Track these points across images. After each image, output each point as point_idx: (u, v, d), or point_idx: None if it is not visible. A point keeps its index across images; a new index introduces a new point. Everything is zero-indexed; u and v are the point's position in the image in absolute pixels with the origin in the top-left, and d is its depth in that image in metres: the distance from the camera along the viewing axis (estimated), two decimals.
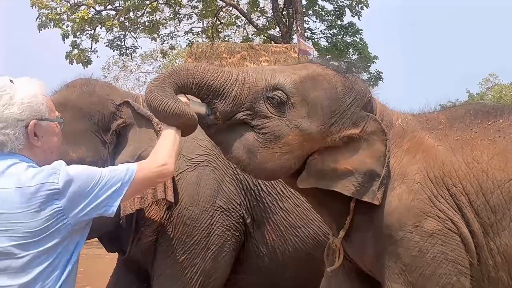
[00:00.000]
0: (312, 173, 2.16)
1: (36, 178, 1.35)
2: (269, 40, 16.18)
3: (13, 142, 1.40)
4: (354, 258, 2.34)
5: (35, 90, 1.46)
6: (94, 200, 1.41)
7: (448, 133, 2.26)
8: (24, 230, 1.32)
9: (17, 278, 1.32)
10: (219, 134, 2.14)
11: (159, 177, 1.62)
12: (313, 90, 2.14)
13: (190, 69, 2.06)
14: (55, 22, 12.79)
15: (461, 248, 2.10)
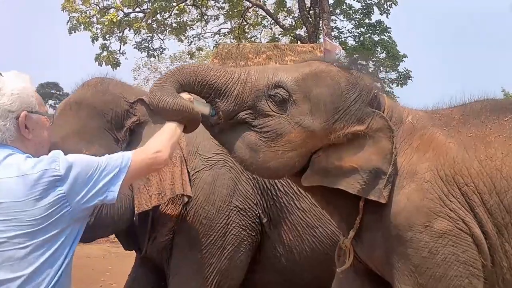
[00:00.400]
0: (316, 170, 2.13)
1: (38, 166, 1.36)
2: (296, 40, 16.11)
3: (4, 133, 1.41)
4: (364, 258, 2.30)
5: (25, 82, 1.47)
6: (95, 186, 1.42)
7: (462, 129, 2.18)
8: (29, 219, 1.32)
9: (20, 270, 1.32)
10: (222, 134, 2.13)
11: (154, 164, 1.63)
12: (316, 86, 2.11)
13: (193, 68, 2.07)
14: (85, 25, 13.09)
15: (473, 249, 2.03)
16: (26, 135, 1.45)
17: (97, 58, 13.65)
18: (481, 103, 2.31)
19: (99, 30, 13.24)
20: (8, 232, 1.31)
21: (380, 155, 2.10)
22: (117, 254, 9.24)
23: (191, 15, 16.09)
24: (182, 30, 15.04)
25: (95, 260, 8.43)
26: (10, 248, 1.31)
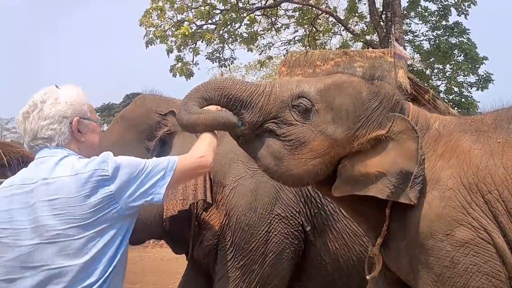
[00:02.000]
0: (344, 180, 2.13)
1: (89, 165, 1.51)
2: (367, 45, 15.81)
3: (59, 136, 1.58)
4: (392, 267, 2.27)
5: (77, 93, 1.66)
6: (141, 186, 1.54)
7: (492, 135, 2.11)
8: (80, 213, 1.46)
9: (77, 258, 1.45)
10: (248, 144, 2.20)
11: (199, 168, 1.75)
12: (338, 96, 2.15)
13: (219, 83, 2.16)
14: (161, 38, 13.76)
15: (495, 260, 1.94)
16: (79, 138, 1.62)
17: (171, 69, 14.29)
18: None
19: (173, 42, 13.85)
20: (63, 225, 1.45)
21: (406, 157, 2.08)
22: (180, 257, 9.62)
23: (261, 25, 16.35)
24: (253, 40, 15.32)
25: (167, 263, 8.82)
26: (65, 239, 1.45)
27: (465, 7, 15.83)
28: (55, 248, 1.44)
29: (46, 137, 1.58)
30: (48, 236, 1.45)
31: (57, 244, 1.45)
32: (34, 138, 1.59)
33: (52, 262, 1.44)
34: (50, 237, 1.45)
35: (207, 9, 14.35)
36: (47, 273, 1.43)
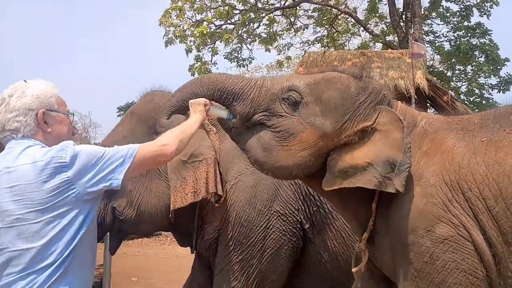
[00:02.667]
0: (334, 173, 2.16)
1: (48, 153, 1.59)
2: (386, 46, 15.69)
3: (25, 128, 1.67)
4: (377, 262, 2.30)
5: (45, 87, 1.75)
6: (99, 173, 1.61)
7: (477, 134, 2.12)
8: (38, 198, 1.54)
9: (35, 241, 1.54)
10: (238, 136, 2.25)
11: (159, 156, 1.76)
12: (327, 90, 2.19)
13: (213, 77, 2.24)
14: (180, 38, 13.91)
15: (474, 257, 1.96)
16: (45, 129, 1.71)
17: (190, 69, 14.42)
18: (508, 108, 2.22)
19: (192, 42, 13.99)
20: (22, 210, 1.54)
21: (391, 146, 2.10)
22: None
23: (280, 25, 16.38)
24: (271, 40, 15.36)
25: (182, 260, 8.93)
26: (24, 223, 1.54)
27: (487, 7, 15.59)
28: (15, 231, 1.53)
29: (12, 128, 1.67)
30: (8, 220, 1.54)
31: (16, 228, 1.53)
32: (2, 130, 1.68)
33: (12, 245, 1.52)
34: (10, 221, 1.54)
35: (226, 9, 14.45)
36: (8, 255, 1.53)
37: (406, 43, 14.06)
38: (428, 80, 11.66)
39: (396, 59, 12.29)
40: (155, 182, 3.06)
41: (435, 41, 16.67)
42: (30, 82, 1.75)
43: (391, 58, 12.30)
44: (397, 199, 2.08)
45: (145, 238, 12.15)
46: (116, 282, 6.35)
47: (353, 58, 12.41)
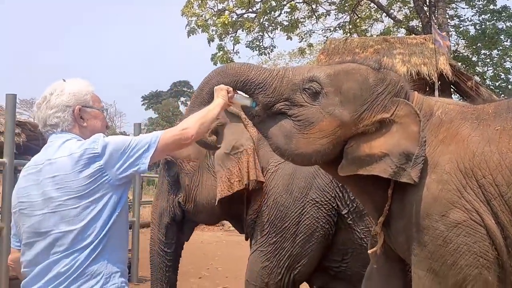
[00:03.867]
0: (350, 160, 2.26)
1: (82, 146, 1.74)
2: (409, 32, 15.50)
3: (63, 123, 1.82)
4: (392, 245, 2.39)
5: (81, 85, 1.90)
6: (128, 159, 1.74)
7: (491, 123, 2.19)
8: (76, 186, 1.69)
9: (75, 224, 1.69)
10: (261, 124, 2.35)
11: (181, 139, 1.87)
12: (346, 81, 2.28)
13: (236, 69, 2.33)
14: (203, 28, 14.03)
15: (485, 241, 2.04)
16: (81, 124, 1.86)
17: (212, 58, 14.54)
18: None
19: (214, 32, 14.10)
20: (63, 197, 1.70)
21: (408, 139, 2.19)
22: (228, 241, 9.95)
23: (302, 12, 16.31)
24: (293, 28, 15.34)
25: (207, 246, 9.18)
26: (65, 208, 1.69)
27: None
28: (58, 216, 1.70)
29: (53, 124, 1.83)
30: (52, 206, 1.70)
31: (59, 213, 1.70)
32: (44, 125, 1.85)
33: (56, 228, 1.69)
34: (54, 207, 1.70)
35: None
36: (53, 236, 1.69)
37: (429, 28, 13.89)
38: (452, 66, 11.52)
39: (419, 45, 12.17)
40: (205, 176, 3.34)
41: (460, 25, 16.38)
42: (68, 81, 1.90)
43: (414, 44, 12.18)
44: (413, 185, 2.17)
45: None
46: (144, 265, 6.56)
47: (375, 44, 12.33)
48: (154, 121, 41.83)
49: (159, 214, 3.50)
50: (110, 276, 1.71)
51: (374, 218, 2.45)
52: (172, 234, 3.48)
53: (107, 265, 1.71)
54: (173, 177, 3.42)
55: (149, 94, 51.41)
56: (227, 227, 12.27)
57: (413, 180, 2.14)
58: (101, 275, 1.69)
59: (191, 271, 6.72)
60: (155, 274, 3.56)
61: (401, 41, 12.50)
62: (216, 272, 6.74)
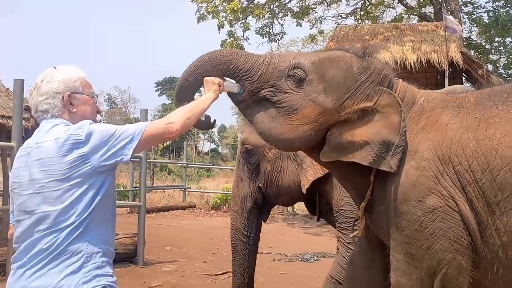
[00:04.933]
0: (332, 147, 2.32)
1: (68, 131, 1.81)
2: (421, 19, 15.32)
3: (53, 109, 1.90)
4: (373, 229, 2.47)
5: (71, 72, 1.96)
6: (111, 149, 1.81)
7: (471, 111, 2.23)
8: (58, 169, 1.77)
9: (56, 205, 1.77)
10: (246, 109, 2.41)
11: (165, 133, 1.91)
12: (331, 69, 2.32)
13: (224, 55, 2.36)
14: (213, 14, 14.02)
15: (459, 227, 2.10)
16: (71, 109, 1.93)
17: (222, 45, 14.51)
18: (503, 87, 2.32)
19: (224, 18, 14.06)
20: (46, 179, 1.78)
21: (389, 128, 2.24)
22: None
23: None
24: (304, 14, 15.25)
25: (215, 231, 9.30)
26: (47, 190, 1.78)
27: None
28: (41, 197, 1.79)
29: (43, 110, 1.91)
30: (36, 187, 1.80)
31: (42, 194, 1.79)
32: (36, 111, 1.93)
33: (39, 208, 1.78)
34: (38, 188, 1.79)
35: None
36: (37, 216, 1.78)
37: (441, 15, 13.71)
38: (463, 54, 11.40)
39: (430, 32, 12.07)
40: (286, 162, 3.64)
41: (473, 12, 16.14)
42: (58, 68, 1.98)
43: (425, 31, 12.08)
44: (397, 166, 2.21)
45: (180, 210, 12.63)
46: (151, 250, 6.74)
47: (385, 31, 12.25)
48: (167, 107, 42.08)
49: (241, 200, 3.76)
50: (91, 256, 1.79)
51: (356, 203, 2.52)
52: (253, 218, 3.77)
53: (88, 245, 1.79)
54: (254, 164, 3.70)
55: (162, 80, 51.57)
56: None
57: (392, 169, 2.20)
58: (82, 253, 1.77)
59: (197, 255, 6.85)
60: (237, 260, 3.85)
61: (411, 28, 12.40)
62: (222, 256, 6.84)
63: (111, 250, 1.89)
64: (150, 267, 5.97)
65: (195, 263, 6.35)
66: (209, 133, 52.90)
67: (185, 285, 5.19)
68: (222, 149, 55.41)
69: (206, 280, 5.44)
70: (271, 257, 6.96)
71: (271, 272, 5.96)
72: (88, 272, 1.76)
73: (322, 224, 10.86)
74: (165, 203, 13.22)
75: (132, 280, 5.26)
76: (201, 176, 26.08)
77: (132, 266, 5.92)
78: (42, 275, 1.73)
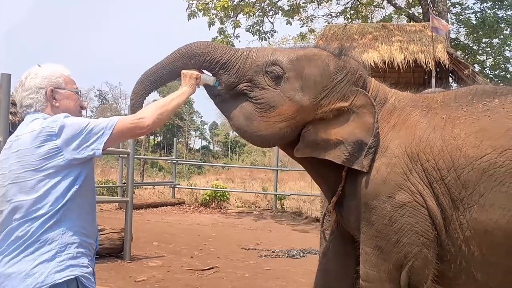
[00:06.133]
0: (306, 143, 2.38)
1: (42, 124, 1.88)
2: (409, 19, 15.45)
3: (37, 103, 1.97)
4: (344, 223, 2.55)
5: (54, 69, 2.03)
6: (83, 142, 1.86)
7: (439, 111, 2.32)
8: (32, 160, 1.84)
9: (30, 195, 1.82)
10: (223, 104, 2.43)
11: (136, 129, 1.95)
12: (308, 67, 2.36)
13: (202, 47, 2.35)
14: (204, 11, 14.02)
15: (426, 221, 2.19)
16: (54, 103, 1.99)
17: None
18: (468, 88, 2.42)
19: (215, 15, 14.06)
20: (20, 170, 1.86)
21: (363, 129, 2.31)
22: (224, 223, 10.16)
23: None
24: (294, 12, 15.29)
25: (203, 228, 9.37)
26: (22, 180, 1.85)
27: None
28: (17, 187, 1.86)
29: (27, 104, 1.98)
30: (13, 178, 1.87)
31: (18, 184, 1.86)
32: (20, 106, 2.01)
33: (15, 197, 1.85)
34: (14, 178, 1.87)
35: None
36: (13, 205, 1.85)
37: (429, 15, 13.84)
38: (450, 54, 11.53)
39: (417, 32, 12.16)
40: None
41: (461, 13, 16.29)
42: (42, 66, 2.04)
43: (413, 31, 12.17)
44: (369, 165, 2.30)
45: (169, 207, 12.66)
46: (138, 246, 6.79)
47: (374, 31, 12.31)
48: None
49: None
50: (66, 246, 1.84)
51: (328, 198, 2.58)
52: None
53: (63, 235, 1.84)
54: None
55: None
56: (224, 210, 12.50)
57: (365, 168, 2.27)
58: (56, 243, 1.82)
59: (184, 251, 6.91)
60: None
61: (400, 28, 12.49)
62: (209, 252, 6.93)
63: (89, 241, 1.93)
64: (136, 262, 6.03)
65: (182, 258, 6.42)
66: (200, 130, 52.79)
67: (171, 280, 5.26)
68: (213, 146, 55.35)
69: (192, 275, 5.51)
70: (257, 253, 7.04)
71: (257, 268, 6.04)
72: (61, 261, 1.81)
73: (310, 221, 11.00)
74: (155, 200, 13.24)
75: (118, 275, 5.32)
76: (192, 173, 26.09)
77: (119, 261, 5.98)
78: (17, 262, 1.79)
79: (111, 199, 10.89)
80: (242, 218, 11.08)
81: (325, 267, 2.75)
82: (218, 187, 13.47)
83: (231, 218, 11.19)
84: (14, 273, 1.78)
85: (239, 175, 20.89)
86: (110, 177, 15.12)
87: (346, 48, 2.50)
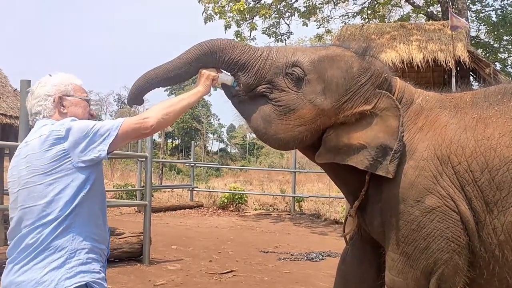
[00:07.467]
0: (328, 148, 2.30)
1: (50, 129, 1.88)
2: (428, 18, 15.23)
3: (45, 110, 1.97)
4: (366, 228, 2.47)
5: (64, 77, 2.04)
6: (90, 144, 1.85)
7: (469, 111, 2.23)
8: (40, 164, 1.83)
9: (39, 200, 1.80)
10: (241, 105, 2.35)
11: (141, 129, 1.93)
12: (330, 69, 2.27)
13: (220, 45, 2.26)
14: (220, 14, 14.04)
15: (457, 227, 2.09)
16: (62, 110, 1.99)
17: None
18: (497, 87, 2.32)
19: (231, 18, 14.06)
20: (29, 175, 1.84)
21: (387, 133, 2.22)
22: (242, 226, 10.13)
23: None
24: (310, 14, 15.21)
25: (221, 231, 9.35)
26: (31, 185, 1.84)
27: None
28: (26, 192, 1.84)
29: (36, 111, 1.99)
30: (22, 183, 1.86)
31: (27, 189, 1.84)
32: (30, 114, 2.01)
33: (25, 203, 1.84)
34: (23, 184, 1.85)
35: None
36: (23, 211, 1.84)
37: (448, 14, 13.62)
38: (470, 52, 11.31)
39: (436, 31, 11.95)
40: None
41: (481, 11, 16.00)
42: (53, 75, 2.06)
43: (432, 30, 11.97)
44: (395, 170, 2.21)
45: (187, 210, 12.69)
46: (157, 249, 6.79)
47: (392, 30, 12.15)
48: None
49: None
50: (75, 252, 1.81)
51: (349, 202, 2.50)
52: None
53: (72, 242, 1.82)
54: None
55: None
56: (242, 212, 12.46)
57: (390, 174, 2.17)
58: (66, 249, 1.80)
59: (202, 254, 6.88)
60: None
61: (418, 27, 12.29)
62: (227, 255, 6.89)
63: (100, 247, 1.91)
64: (155, 266, 6.02)
65: (201, 262, 6.38)
66: (218, 133, 52.88)
67: (189, 283, 5.22)
68: (231, 149, 55.44)
69: (211, 279, 5.47)
70: (276, 256, 6.97)
71: (276, 271, 5.98)
72: (71, 268, 1.79)
73: (329, 223, 10.89)
74: (173, 203, 13.28)
75: (137, 279, 5.31)
76: (210, 176, 26.16)
77: (138, 265, 5.97)
78: (27, 270, 1.77)
79: (130, 203, 10.93)
80: (260, 221, 11.03)
81: (344, 272, 2.68)
82: (236, 190, 13.44)
83: (249, 220, 11.16)
84: (24, 282, 1.76)
85: (257, 177, 20.87)
86: (129, 181, 15.21)
87: (370, 47, 2.39)
